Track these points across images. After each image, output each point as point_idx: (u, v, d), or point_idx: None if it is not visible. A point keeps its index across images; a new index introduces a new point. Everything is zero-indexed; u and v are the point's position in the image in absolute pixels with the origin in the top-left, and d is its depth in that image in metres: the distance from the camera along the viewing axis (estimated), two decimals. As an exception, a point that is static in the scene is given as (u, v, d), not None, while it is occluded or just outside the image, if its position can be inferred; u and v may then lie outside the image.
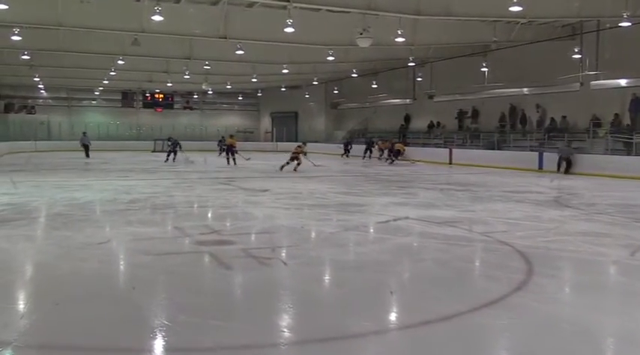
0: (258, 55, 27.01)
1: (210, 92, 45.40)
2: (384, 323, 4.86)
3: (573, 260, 7.40)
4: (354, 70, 33.76)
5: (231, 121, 48.75)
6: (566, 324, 4.87)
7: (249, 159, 25.96)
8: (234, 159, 25.18)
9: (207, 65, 29.89)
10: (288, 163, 21.73)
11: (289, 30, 18.17)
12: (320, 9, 19.48)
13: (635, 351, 4.33)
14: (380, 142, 31.76)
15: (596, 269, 7.01)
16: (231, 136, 27.15)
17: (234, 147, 25.75)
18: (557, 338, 4.53)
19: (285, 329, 4.68)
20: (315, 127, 44.77)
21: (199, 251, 7.48)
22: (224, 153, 29.48)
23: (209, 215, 11.22)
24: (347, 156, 33.87)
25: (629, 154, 20.39)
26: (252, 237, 8.87)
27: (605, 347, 4.60)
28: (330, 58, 25.60)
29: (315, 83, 40.69)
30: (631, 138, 20.37)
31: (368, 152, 32.22)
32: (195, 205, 12.63)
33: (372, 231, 9.64)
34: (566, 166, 21.31)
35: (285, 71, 31.73)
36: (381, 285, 6.00)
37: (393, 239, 8.50)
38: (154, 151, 36.93)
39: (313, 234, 9.11)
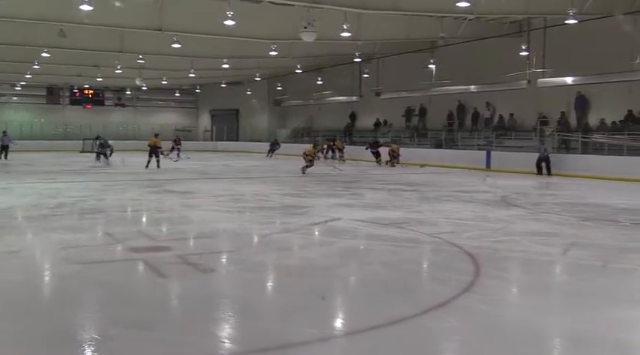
0: (196, 48, 26.68)
1: (144, 88, 44.51)
2: (329, 330, 4.88)
3: (520, 260, 7.61)
4: (298, 66, 33.75)
5: (167, 119, 47.95)
6: (513, 326, 5.01)
7: (188, 158, 25.18)
8: (157, 161, 22.90)
9: (140, 59, 29.33)
10: (307, 167, 21.35)
11: (229, 23, 18.03)
12: (262, 1, 19.42)
13: (580, 352, 4.48)
14: (331, 141, 31.11)
15: (543, 269, 7.23)
16: (156, 136, 24.52)
17: (159, 147, 23.55)
18: (504, 340, 4.65)
19: (225, 340, 4.63)
20: (257, 125, 44.54)
21: (132, 258, 7.33)
22: (174, 153, 28.81)
23: (143, 220, 11.01)
24: (270, 156, 33.51)
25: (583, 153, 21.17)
26: (190, 242, 8.75)
27: (551, 348, 4.75)
28: (273, 53, 25.54)
29: (257, 79, 40.51)
30: (574, 136, 21.15)
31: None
32: (128, 209, 12.38)
33: (317, 234, 9.67)
34: (547, 167, 20.72)
35: (225, 66, 31.47)
36: (327, 290, 6.03)
37: (339, 242, 8.54)
38: (82, 151, 35.97)
39: (255, 238, 9.06)
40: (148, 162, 22.79)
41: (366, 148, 27.79)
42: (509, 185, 17.20)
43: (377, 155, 27.00)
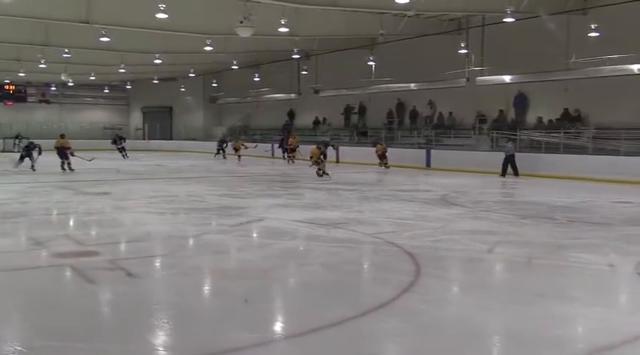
0: (127, 42, 26.10)
1: (70, 84, 43.17)
2: (268, 334, 4.88)
3: (460, 259, 7.80)
4: (235, 62, 33.46)
5: (95, 117, 46.74)
6: (453, 325, 5.14)
7: (92, 159, 23.20)
8: (68, 164, 21.36)
9: (67, 53, 28.45)
10: (320, 170, 20.21)
11: (162, 16, 17.75)
12: (196, -7, 19.23)
13: (521, 350, 4.63)
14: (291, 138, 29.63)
15: (482, 267, 7.44)
16: (62, 136, 22.76)
17: (68, 148, 21.78)
18: (445, 340, 4.77)
19: (159, 348, 4.57)
20: (191, 124, 43.94)
21: (59, 264, 7.14)
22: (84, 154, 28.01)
23: (70, 223, 10.74)
24: (224, 157, 32.66)
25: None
26: (121, 246, 8.59)
27: (491, 347, 4.90)
28: (208, 48, 25.25)
29: (191, 75, 39.95)
30: (515, 135, 21.75)
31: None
32: (54, 213, 12.04)
33: (254, 235, 9.65)
34: (513, 167, 19.96)
35: (157, 61, 30.90)
36: (265, 293, 6.04)
37: (278, 243, 8.54)
38: (2, 151, 34.70)
39: (190, 241, 8.98)
40: (62, 164, 21.47)
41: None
42: (449, 183, 17.52)
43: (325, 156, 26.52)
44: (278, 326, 5.23)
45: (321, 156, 20.51)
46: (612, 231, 9.76)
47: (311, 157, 20.56)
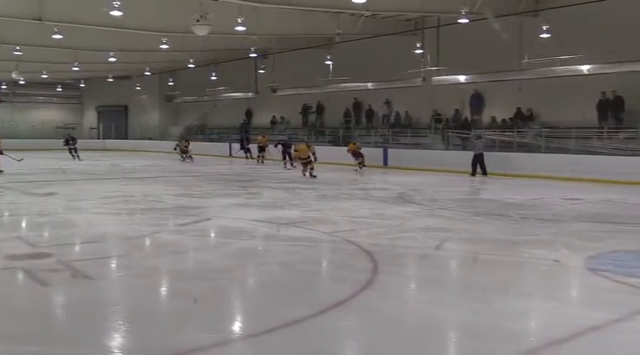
0: (80, 40, 25.56)
1: (22, 82, 42.11)
2: (226, 334, 4.86)
3: (416, 256, 7.90)
4: (191, 61, 33.17)
5: (48, 116, 45.64)
6: (411, 321, 5.21)
7: (21, 159, 21.75)
8: None
9: (18, 50, 27.76)
10: (305, 170, 19.30)
11: (116, 13, 17.47)
12: (152, -8, 18.99)
13: (476, 344, 4.71)
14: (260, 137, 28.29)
15: (438, 264, 7.54)
16: None
17: None
18: (403, 336, 4.81)
19: (115, 350, 4.50)
20: (147, 123, 43.35)
21: (10, 267, 6.96)
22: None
23: (22, 225, 10.48)
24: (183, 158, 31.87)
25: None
26: (75, 247, 8.42)
27: (447, 342, 4.97)
28: (164, 47, 24.98)
29: (147, 74, 39.45)
30: (469, 134, 22.14)
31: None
32: (5, 214, 11.73)
33: (212, 235, 9.58)
34: (482, 166, 19.55)
35: (112, 59, 30.43)
36: (223, 294, 6.01)
37: (236, 243, 8.51)
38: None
39: (147, 242, 8.87)
40: None
41: (275, 146, 26.73)
42: (405, 182, 17.70)
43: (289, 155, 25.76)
44: (236, 326, 5.22)
45: (312, 156, 19.36)
46: (563, 227, 9.99)
47: (298, 155, 19.69)
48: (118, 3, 16.96)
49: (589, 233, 9.45)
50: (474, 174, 19.62)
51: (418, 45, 24.37)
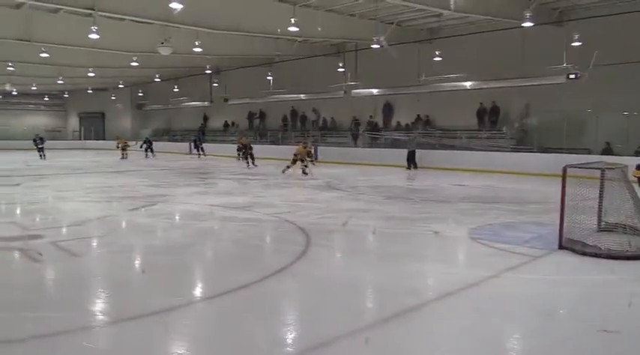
0: (64, 58, 24.41)
1: (14, 93, 39.94)
2: (188, 297, 4.80)
3: (341, 231, 7.97)
4: (157, 75, 32.31)
5: (37, 121, 43.42)
6: (338, 283, 5.27)
7: None
8: None
9: (10, 66, 26.28)
10: (288, 167, 17.06)
11: (94, 36, 16.75)
12: (124, 19, 18.28)
13: (387, 298, 4.83)
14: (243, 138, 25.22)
15: (359, 237, 7.65)
16: None
17: None
18: (332, 295, 4.88)
19: (98, 313, 4.39)
20: (121, 126, 41.91)
21: (7, 247, 6.65)
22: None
23: (16, 212, 10.00)
24: (147, 155, 28.65)
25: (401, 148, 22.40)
26: (63, 230, 8.10)
27: (366, 297, 5.08)
28: (135, 64, 24.21)
29: (120, 86, 38.07)
30: (380, 135, 22.51)
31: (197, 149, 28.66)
32: (2, 202, 11.16)
33: (177, 217, 9.41)
34: (413, 161, 19.29)
35: (91, 74, 29.19)
36: (187, 266, 5.92)
37: (196, 224, 8.39)
38: None
39: (123, 224, 8.62)
40: None
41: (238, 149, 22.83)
42: (332, 173, 17.82)
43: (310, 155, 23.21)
44: (197, 291, 5.17)
45: (308, 155, 17.37)
46: (452, 206, 10.29)
47: (296, 155, 17.16)
48: (96, 28, 16.28)
49: (471, 210, 9.77)
50: (409, 167, 19.29)
51: (340, 64, 24.44)
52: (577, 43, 16.45)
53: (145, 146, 28.62)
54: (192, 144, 29.90)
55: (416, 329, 4.12)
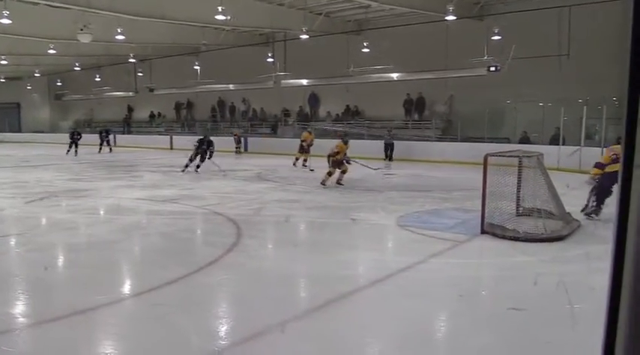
0: (-29, 44, 22.79)
1: None
2: (115, 295, 4.64)
3: (272, 222, 7.97)
4: (77, 64, 30.70)
5: (-58, 112, 40.26)
6: (270, 274, 5.27)
7: None
8: None
9: None
10: (330, 174, 11.77)
11: (6, 21, 15.70)
12: (38, 3, 17.22)
13: (320, 287, 4.87)
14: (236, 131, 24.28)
15: (289, 227, 7.68)
16: None
17: None
18: (263, 285, 4.87)
19: (18, 316, 4.14)
20: (39, 118, 39.65)
21: None
22: None
23: None
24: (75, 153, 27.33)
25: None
26: (-26, 228, 7.60)
27: (298, 287, 5.11)
28: (52, 51, 22.92)
29: (37, 75, 35.90)
30: (307, 124, 22.63)
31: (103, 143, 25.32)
32: None
33: (101, 212, 9.05)
34: (390, 152, 18.92)
35: (3, 62, 27.42)
36: (112, 262, 5.71)
37: (121, 218, 8.10)
38: None
39: (42, 221, 8.19)
40: None
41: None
42: (262, 164, 17.73)
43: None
44: (124, 288, 5.00)
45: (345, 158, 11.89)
46: (381, 196, 10.53)
47: (336, 154, 11.75)
48: (7, 12, 15.26)
49: (399, 199, 10.04)
50: (385, 158, 18.89)
51: (270, 54, 24.29)
52: (496, 37, 17.25)
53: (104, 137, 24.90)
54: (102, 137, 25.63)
55: (348, 315, 4.19)
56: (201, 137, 15.11)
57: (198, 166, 14.74)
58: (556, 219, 7.02)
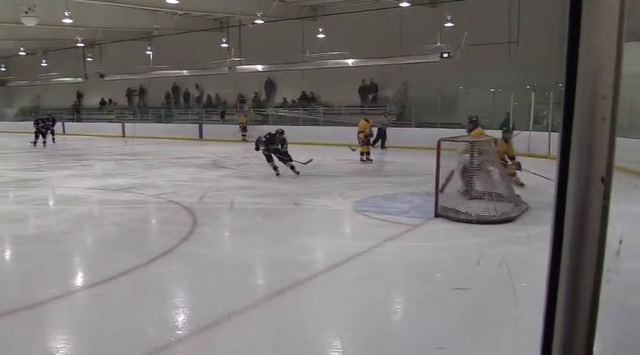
0: None
1: None
2: (67, 288, 4.51)
3: (228, 210, 7.90)
4: (22, 48, 29.40)
5: None
6: (227, 262, 5.24)
7: None
8: None
9: None
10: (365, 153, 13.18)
11: (-59, 3, 14.89)
12: (-23, -16, 16.40)
13: (278, 273, 4.88)
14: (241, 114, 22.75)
15: (246, 215, 7.62)
16: None
17: None
18: (221, 274, 4.84)
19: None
20: (-19, 104, 37.88)
21: None
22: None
23: None
24: (44, 143, 21.45)
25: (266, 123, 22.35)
26: None
27: (255, 274, 5.10)
28: (-6, 35, 21.89)
29: (-23, 60, 34.24)
30: (265, 111, 22.50)
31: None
32: None
33: (51, 203, 8.76)
34: (383, 139, 17.96)
35: (-61, 46, 26.04)
36: (63, 254, 5.55)
37: (72, 208, 7.87)
38: None
39: (-13, 212, 7.85)
40: None
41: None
42: (218, 151, 17.49)
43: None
44: (77, 280, 4.87)
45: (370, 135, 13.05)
46: (338, 181, 10.58)
47: (360, 132, 13.24)
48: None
49: (355, 184, 10.12)
50: (381, 145, 17.96)
51: (224, 40, 23.92)
52: (449, 24, 17.52)
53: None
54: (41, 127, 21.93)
55: (305, 301, 4.22)
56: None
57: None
58: (506, 201, 7.25)
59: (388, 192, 9.18)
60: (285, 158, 11.22)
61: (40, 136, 20.50)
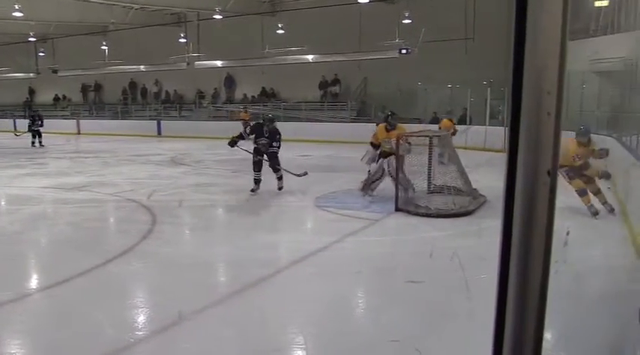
0: None
1: None
2: (22, 290, 4.36)
3: (188, 207, 7.80)
4: (-32, 43, 28.21)
5: None
6: (187, 260, 5.17)
7: None
8: None
9: None
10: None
11: None
12: None
13: (241, 270, 4.85)
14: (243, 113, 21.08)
15: (206, 212, 7.55)
16: None
17: None
18: (180, 272, 4.78)
19: None
20: None
21: None
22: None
23: None
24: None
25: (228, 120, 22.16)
26: None
27: (216, 272, 5.06)
28: (-63, 29, 20.87)
29: None
30: (221, 107, 22.30)
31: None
32: None
33: (2, 203, 8.45)
34: None
35: None
36: (17, 256, 5.36)
37: (25, 208, 7.61)
38: None
39: None
40: None
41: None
42: (177, 148, 17.20)
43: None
44: (31, 282, 4.72)
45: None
46: (298, 177, 10.53)
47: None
48: None
49: (317, 180, 10.09)
50: None
51: (182, 35, 23.52)
52: (407, 21, 17.72)
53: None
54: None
55: (266, 298, 4.21)
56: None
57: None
58: (464, 195, 7.40)
59: (349, 187, 9.21)
60: (276, 165, 8.60)
61: (37, 136, 18.63)
